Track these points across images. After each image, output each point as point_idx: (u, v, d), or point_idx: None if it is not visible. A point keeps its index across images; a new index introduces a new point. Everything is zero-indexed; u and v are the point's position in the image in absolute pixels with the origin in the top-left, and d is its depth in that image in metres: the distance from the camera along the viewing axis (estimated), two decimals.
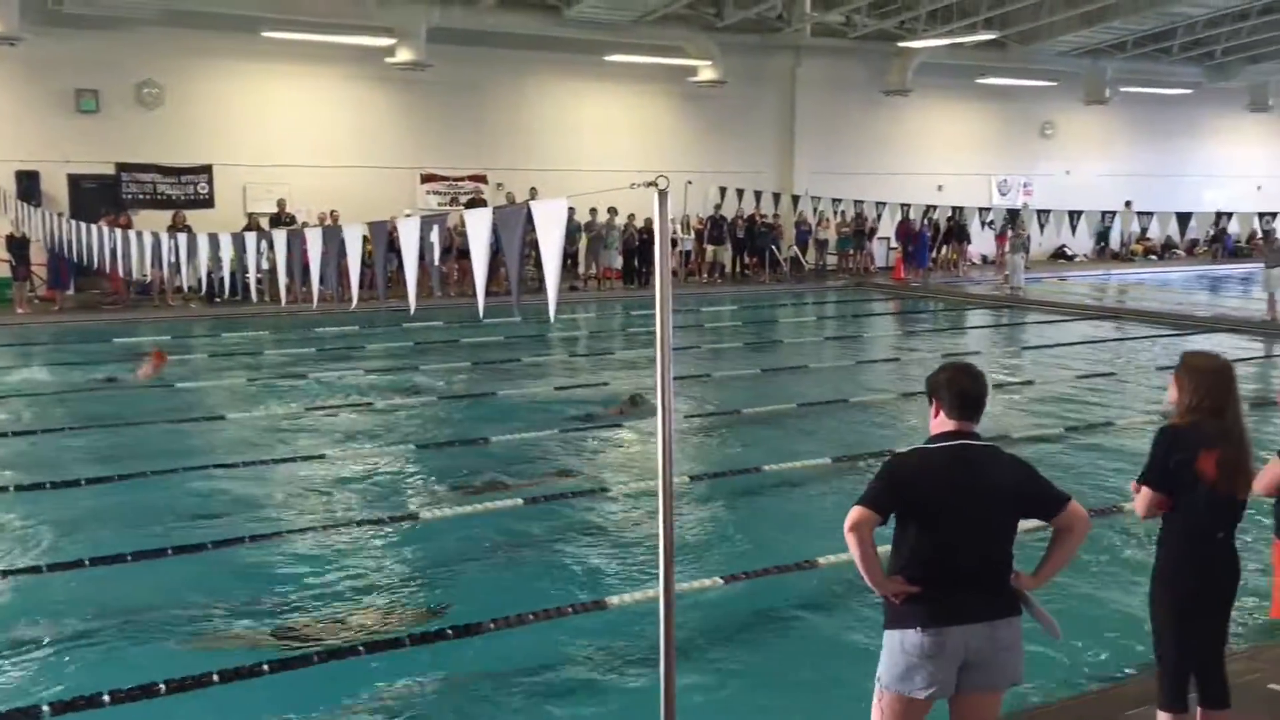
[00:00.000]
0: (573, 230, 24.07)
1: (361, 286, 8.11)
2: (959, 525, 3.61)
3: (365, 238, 7.83)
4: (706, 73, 25.78)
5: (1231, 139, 35.89)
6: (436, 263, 5.75)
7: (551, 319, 4.53)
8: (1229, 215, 25.02)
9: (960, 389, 3.75)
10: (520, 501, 8.66)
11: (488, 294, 5.01)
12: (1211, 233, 31.97)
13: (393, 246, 6.36)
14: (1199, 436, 4.15)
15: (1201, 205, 31.29)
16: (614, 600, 6.55)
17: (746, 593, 6.94)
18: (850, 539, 3.59)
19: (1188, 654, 4.29)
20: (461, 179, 25.04)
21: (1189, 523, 4.18)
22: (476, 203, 24.13)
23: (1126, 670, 5.86)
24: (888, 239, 27.87)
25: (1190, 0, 24.18)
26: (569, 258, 24.37)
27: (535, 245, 4.75)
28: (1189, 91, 32.95)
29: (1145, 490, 4.27)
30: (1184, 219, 23.28)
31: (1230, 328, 19.13)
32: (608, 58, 24.83)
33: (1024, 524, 3.78)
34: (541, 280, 4.47)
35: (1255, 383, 14.52)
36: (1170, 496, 4.22)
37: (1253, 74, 32.42)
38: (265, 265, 13.64)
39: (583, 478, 9.64)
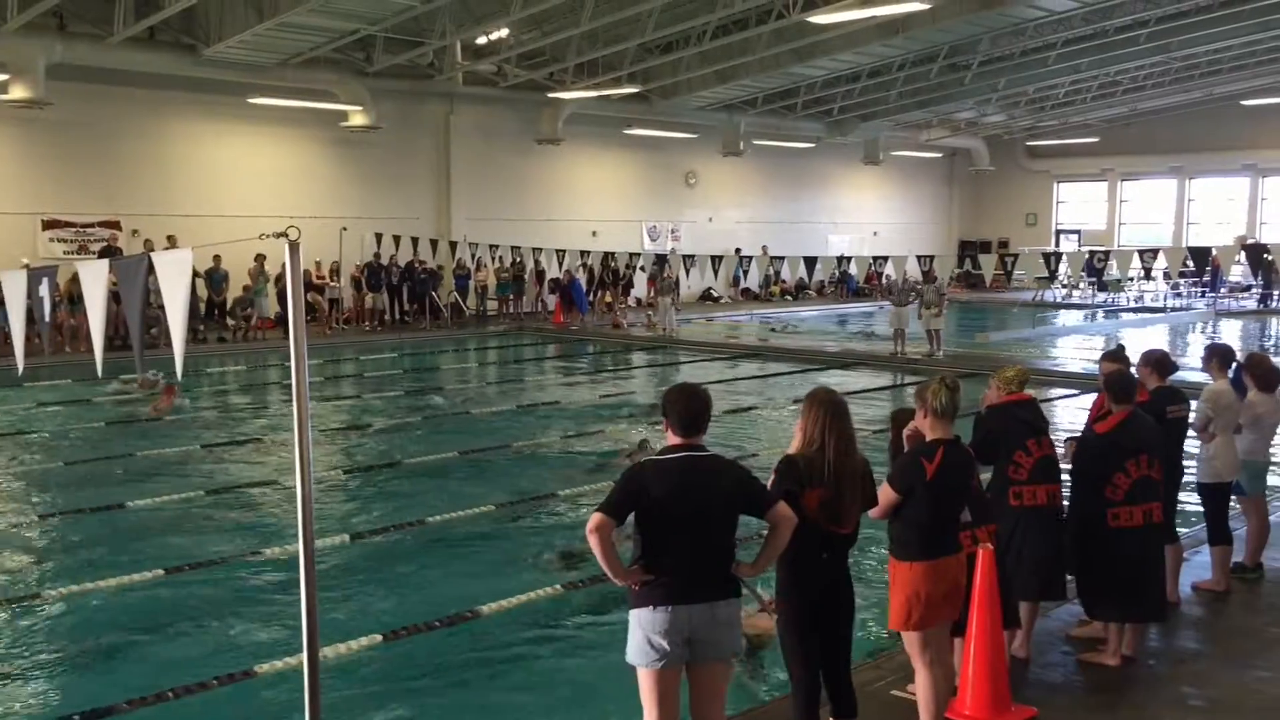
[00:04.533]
0: (219, 280, 22.94)
1: None
2: (687, 521, 4.18)
3: None
4: (358, 118, 25.36)
5: (850, 189, 39.51)
6: (47, 319, 5.28)
7: (178, 376, 4.28)
8: (849, 259, 27.45)
9: (681, 409, 4.32)
10: (161, 572, 8.07)
11: (124, 349, 4.65)
12: (836, 275, 34.96)
13: None
14: (809, 472, 4.52)
15: (828, 249, 34.22)
16: (263, 668, 6.22)
17: (410, 649, 6.81)
18: (591, 540, 4.14)
19: (812, 666, 4.63)
20: (91, 225, 23.17)
21: (797, 546, 4.49)
22: (110, 251, 22.44)
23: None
24: (554, 282, 28.21)
25: (809, 63, 26.42)
26: (215, 309, 23.15)
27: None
28: (812, 145, 36.00)
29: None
30: (811, 262, 25.30)
31: (856, 360, 20.93)
32: (252, 100, 23.88)
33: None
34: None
35: (884, 409, 15.92)
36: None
37: (865, 130, 35.89)
38: None
39: (232, 541, 9.11)
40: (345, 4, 19.26)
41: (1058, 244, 40.89)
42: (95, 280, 4.60)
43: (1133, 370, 6.71)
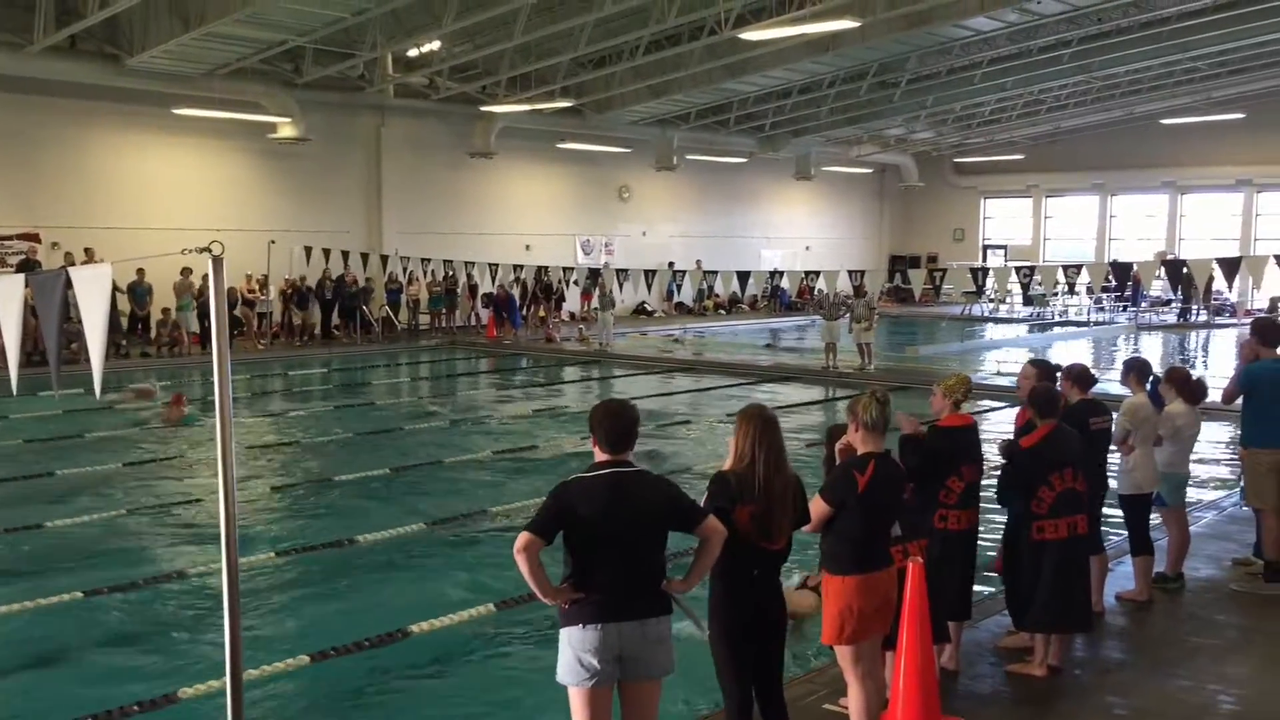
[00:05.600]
0: (142, 294, 22.49)
1: None
2: (615, 538, 4.15)
3: None
4: (287, 130, 25.03)
5: (783, 204, 39.86)
6: None
7: (97, 395, 4.16)
8: (781, 273, 27.70)
9: (609, 426, 4.32)
10: (80, 594, 7.84)
11: (42, 365, 4.52)
12: (769, 289, 35.24)
13: None
14: (739, 488, 4.53)
15: (761, 264, 34.47)
16: (187, 691, 6.07)
17: (338, 669, 6.69)
18: (519, 559, 4.08)
19: (744, 681, 4.63)
20: (9, 238, 22.56)
21: (729, 561, 4.50)
22: (28, 264, 21.88)
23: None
24: (487, 296, 28.11)
25: (741, 79, 26.64)
26: (139, 323, 22.68)
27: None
28: (744, 160, 36.27)
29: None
30: (744, 277, 25.50)
31: (789, 375, 21.05)
32: (177, 110, 23.44)
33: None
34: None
35: (817, 423, 16.05)
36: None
37: (797, 146, 36.25)
38: None
39: (155, 562, 8.90)
40: (273, 15, 19.00)
41: (984, 259, 41.61)
42: (10, 296, 4.47)
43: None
